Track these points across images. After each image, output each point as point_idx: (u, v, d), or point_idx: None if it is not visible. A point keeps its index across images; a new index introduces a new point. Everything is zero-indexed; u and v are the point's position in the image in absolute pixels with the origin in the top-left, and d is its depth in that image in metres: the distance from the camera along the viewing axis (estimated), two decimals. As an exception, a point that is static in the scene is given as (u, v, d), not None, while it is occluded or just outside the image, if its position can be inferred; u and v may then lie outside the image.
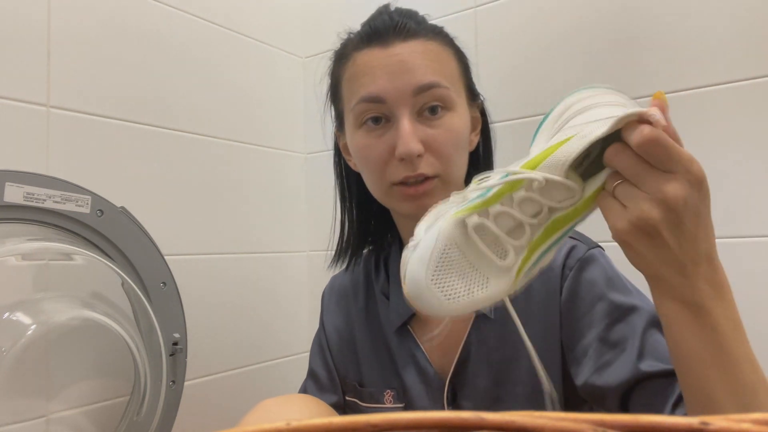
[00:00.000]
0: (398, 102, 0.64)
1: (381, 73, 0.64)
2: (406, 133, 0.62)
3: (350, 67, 0.68)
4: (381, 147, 0.65)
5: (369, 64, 0.65)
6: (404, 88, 0.63)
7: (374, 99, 0.64)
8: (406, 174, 0.64)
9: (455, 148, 0.66)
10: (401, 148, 0.62)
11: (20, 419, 0.75)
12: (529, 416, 0.17)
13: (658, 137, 0.39)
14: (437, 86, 0.64)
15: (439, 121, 0.65)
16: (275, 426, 0.17)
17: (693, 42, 0.82)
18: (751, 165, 0.78)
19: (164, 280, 0.87)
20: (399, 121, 0.63)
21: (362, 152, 0.67)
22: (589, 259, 0.64)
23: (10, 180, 0.70)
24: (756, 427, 0.16)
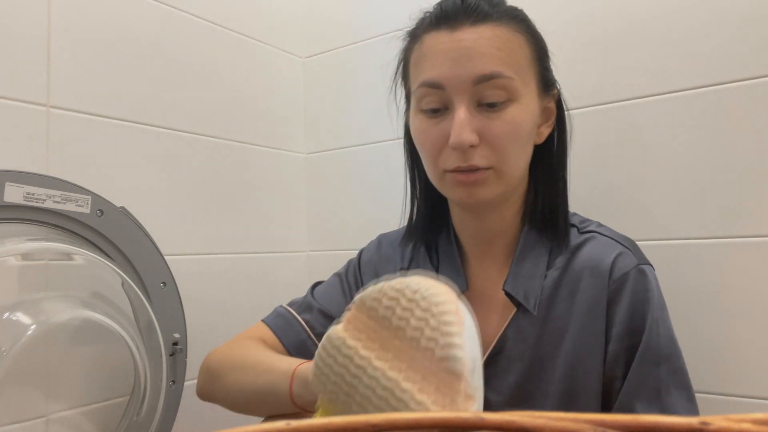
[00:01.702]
0: (457, 90, 0.62)
1: (444, 58, 0.63)
2: (460, 123, 0.61)
3: (417, 48, 0.67)
4: (436, 133, 0.64)
5: (433, 48, 0.64)
6: (464, 77, 0.61)
7: (434, 84, 0.63)
8: (456, 164, 0.63)
9: (513, 140, 0.64)
10: (454, 137, 0.61)
11: (20, 419, 0.75)
12: (529, 416, 0.17)
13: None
14: (500, 76, 0.62)
15: (499, 113, 0.63)
16: (275, 426, 0.17)
17: (694, 42, 0.82)
18: (751, 165, 0.78)
19: (164, 280, 0.87)
20: (456, 110, 0.62)
21: (419, 137, 0.67)
22: (643, 274, 0.64)
23: (10, 180, 0.70)
24: (756, 427, 0.16)
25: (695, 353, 0.81)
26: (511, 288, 0.67)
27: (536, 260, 0.68)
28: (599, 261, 0.65)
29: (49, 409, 0.78)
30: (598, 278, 0.64)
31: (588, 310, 0.64)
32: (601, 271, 0.64)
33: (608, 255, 0.65)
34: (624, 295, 0.63)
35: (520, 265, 0.68)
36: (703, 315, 0.80)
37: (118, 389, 0.86)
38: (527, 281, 0.67)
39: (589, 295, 0.64)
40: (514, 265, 0.68)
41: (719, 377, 0.79)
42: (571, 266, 0.67)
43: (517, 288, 0.67)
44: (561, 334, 0.65)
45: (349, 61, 1.19)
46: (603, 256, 0.65)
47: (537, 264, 0.68)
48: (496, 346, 0.67)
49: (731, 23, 0.80)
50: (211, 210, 1.04)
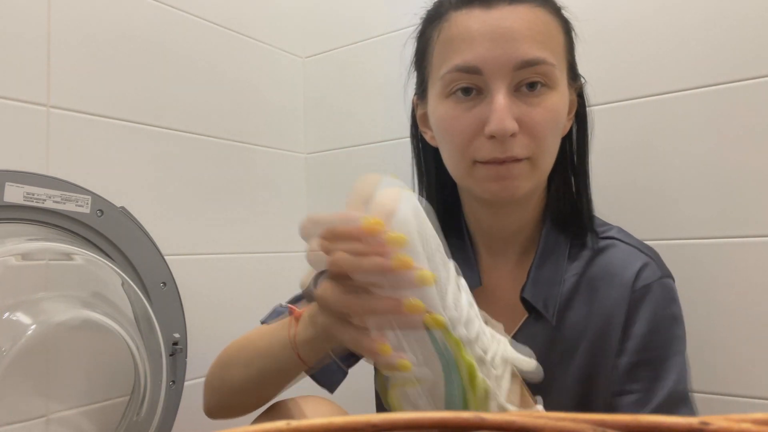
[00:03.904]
0: (496, 74, 0.57)
1: (481, 39, 0.57)
2: (501, 109, 0.56)
3: (445, 28, 0.60)
4: (469, 120, 0.58)
5: (468, 28, 0.58)
6: (506, 60, 0.56)
7: (470, 69, 0.57)
8: (494, 154, 0.58)
9: (552, 129, 0.60)
10: (494, 124, 0.56)
11: (20, 419, 0.75)
12: (529, 416, 0.17)
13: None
14: (543, 63, 0.57)
15: (538, 99, 0.58)
16: (275, 426, 0.17)
17: (694, 42, 0.82)
18: (751, 165, 0.78)
19: (164, 280, 0.87)
20: (494, 95, 0.57)
21: (446, 123, 0.61)
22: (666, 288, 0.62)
23: (10, 180, 0.70)
24: (756, 427, 0.16)
25: (695, 353, 0.81)
26: (530, 295, 0.63)
27: (556, 265, 0.65)
28: (622, 270, 0.62)
29: (49, 409, 0.78)
30: (620, 288, 0.61)
31: (605, 321, 0.61)
32: (623, 281, 0.61)
33: (632, 265, 0.62)
34: (645, 308, 0.60)
35: (540, 270, 0.64)
36: (703, 315, 0.80)
37: (118, 389, 0.86)
38: (547, 288, 0.63)
39: (608, 304, 0.61)
40: (535, 270, 0.64)
41: (719, 377, 0.79)
42: (589, 272, 0.63)
43: (536, 295, 0.63)
44: (574, 343, 0.62)
45: (349, 61, 1.19)
46: (626, 265, 0.62)
47: (557, 269, 0.64)
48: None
49: (731, 23, 0.79)
50: (211, 210, 1.04)
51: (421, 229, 0.41)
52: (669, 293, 0.61)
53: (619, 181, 0.87)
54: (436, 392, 0.43)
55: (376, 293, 0.41)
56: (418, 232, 0.41)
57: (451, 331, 0.41)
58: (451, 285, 0.42)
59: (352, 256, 0.40)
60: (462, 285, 0.45)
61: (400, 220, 0.40)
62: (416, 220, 0.41)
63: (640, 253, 0.63)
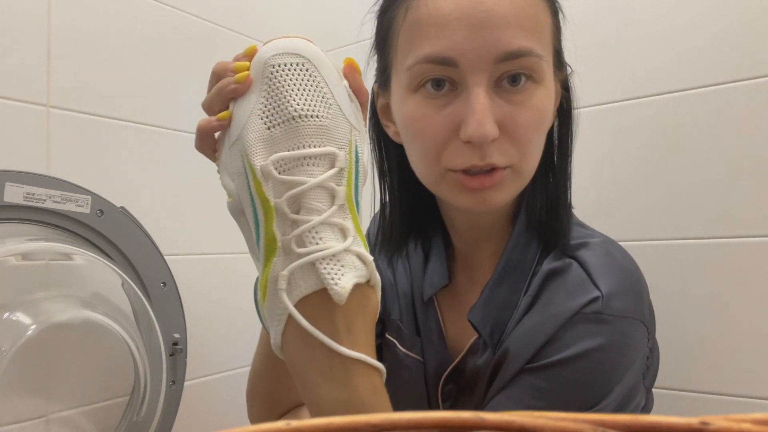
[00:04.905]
0: (475, 67, 0.48)
1: (456, 24, 0.48)
2: (481, 111, 0.48)
3: (413, 8, 0.51)
4: (441, 122, 0.50)
5: (441, 10, 0.49)
6: (486, 51, 0.48)
7: (443, 60, 0.49)
8: (471, 162, 0.50)
9: (537, 131, 0.52)
10: (472, 129, 0.48)
11: (20, 419, 0.75)
12: (529, 416, 0.17)
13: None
14: (529, 54, 0.49)
15: (522, 96, 0.50)
16: (275, 426, 0.17)
17: (693, 42, 0.82)
18: (751, 165, 0.78)
19: (164, 280, 0.87)
20: (471, 92, 0.49)
21: (414, 125, 0.52)
22: (609, 329, 0.50)
23: (10, 180, 0.70)
24: (756, 427, 0.16)
25: (695, 353, 0.81)
26: (477, 318, 0.56)
27: (515, 285, 0.56)
28: (563, 301, 0.52)
29: (49, 409, 0.78)
30: (553, 317, 0.51)
31: (522, 342, 0.53)
32: (557, 313, 0.51)
33: (575, 298, 0.51)
34: (563, 342, 0.50)
35: (493, 291, 0.57)
36: (702, 315, 0.80)
37: (118, 389, 0.86)
38: (498, 312, 0.56)
39: (534, 329, 0.52)
40: (488, 290, 0.57)
41: (719, 377, 0.79)
42: (541, 296, 0.54)
43: (484, 320, 0.56)
44: (498, 364, 0.55)
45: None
46: (569, 297, 0.52)
47: (513, 290, 0.56)
48: (458, 365, 0.60)
49: (731, 23, 0.79)
50: (211, 210, 1.04)
51: (268, 69, 0.44)
52: (606, 329, 0.50)
53: (619, 181, 0.87)
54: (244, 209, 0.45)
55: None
56: (261, 67, 0.44)
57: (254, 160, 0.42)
58: (301, 152, 0.42)
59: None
60: (343, 177, 0.43)
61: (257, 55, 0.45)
62: (264, 56, 0.44)
63: (591, 284, 0.52)
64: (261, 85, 0.43)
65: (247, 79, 0.44)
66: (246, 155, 0.42)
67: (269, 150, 0.42)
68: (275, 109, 0.43)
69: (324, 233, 0.41)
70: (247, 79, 0.44)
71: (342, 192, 0.42)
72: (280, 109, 0.43)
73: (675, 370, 0.82)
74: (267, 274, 0.42)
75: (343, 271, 0.41)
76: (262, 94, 0.43)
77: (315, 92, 0.43)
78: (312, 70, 0.44)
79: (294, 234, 0.40)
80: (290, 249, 0.41)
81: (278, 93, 0.43)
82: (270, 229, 0.41)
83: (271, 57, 0.43)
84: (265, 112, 0.43)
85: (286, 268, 0.41)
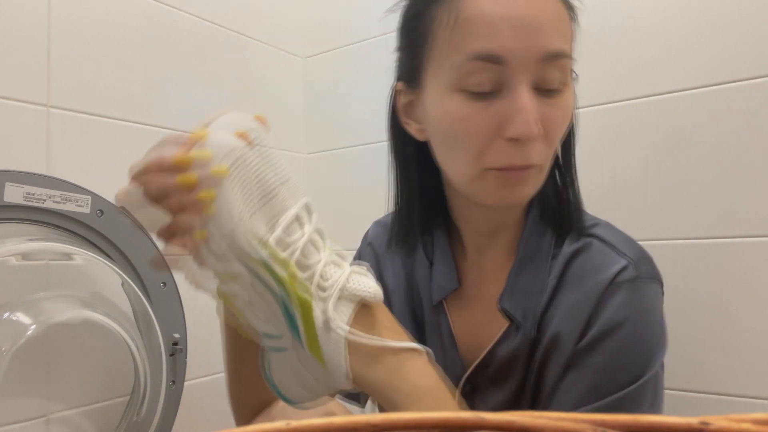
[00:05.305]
0: (521, 67, 0.50)
1: (505, 26, 0.50)
2: (528, 109, 0.50)
3: (460, 9, 0.52)
4: (486, 121, 0.52)
5: (488, 12, 0.51)
6: (532, 51, 0.50)
7: (493, 58, 0.50)
8: (513, 161, 0.52)
9: (564, 130, 0.55)
10: (521, 127, 0.50)
11: (20, 419, 0.75)
12: (529, 416, 0.17)
13: None
14: (564, 55, 0.52)
15: (557, 99, 0.53)
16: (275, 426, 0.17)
17: (693, 42, 0.82)
18: (750, 165, 0.78)
19: (164, 280, 0.87)
20: (516, 92, 0.51)
21: (457, 124, 0.53)
22: (639, 289, 0.55)
23: (10, 180, 0.70)
24: (756, 427, 0.16)
25: (695, 353, 0.81)
26: (508, 305, 0.59)
27: (537, 271, 0.59)
28: (595, 273, 0.56)
29: (49, 409, 0.78)
30: (589, 291, 0.55)
31: (566, 324, 0.56)
32: (594, 286, 0.55)
33: (607, 268, 0.56)
34: (608, 308, 0.54)
35: (518, 277, 0.60)
36: (702, 315, 0.80)
37: (118, 389, 0.86)
38: (526, 298, 0.59)
39: (575, 308, 0.56)
40: (512, 277, 0.60)
41: (719, 377, 0.79)
42: (567, 275, 0.58)
43: (515, 306, 0.59)
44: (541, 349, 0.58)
45: (349, 61, 1.19)
46: (600, 269, 0.56)
47: (537, 276, 0.59)
48: (485, 359, 0.61)
49: (731, 23, 0.79)
50: (211, 210, 1.04)
51: (236, 152, 0.43)
52: (639, 296, 0.55)
53: (619, 181, 0.87)
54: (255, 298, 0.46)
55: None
56: (229, 153, 0.43)
57: (271, 247, 0.43)
58: (287, 218, 0.45)
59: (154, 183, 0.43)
60: (308, 223, 0.47)
61: (210, 143, 0.43)
62: (231, 139, 0.43)
63: (617, 254, 0.57)
64: (231, 178, 0.43)
65: (210, 193, 0.42)
66: (248, 256, 0.43)
67: (267, 233, 0.44)
68: (254, 195, 0.44)
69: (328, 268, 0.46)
70: (210, 194, 0.42)
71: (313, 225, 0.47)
72: (261, 191, 0.45)
73: (675, 370, 0.82)
74: (313, 333, 0.45)
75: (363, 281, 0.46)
76: (235, 185, 0.43)
77: (273, 159, 0.47)
78: (260, 138, 0.47)
79: (315, 284, 0.45)
80: (319, 296, 0.45)
81: (256, 176, 0.45)
82: (297, 295, 0.44)
83: (229, 150, 0.43)
84: (246, 201, 0.44)
85: (328, 309, 0.44)
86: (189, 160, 0.42)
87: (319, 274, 0.45)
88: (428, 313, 0.66)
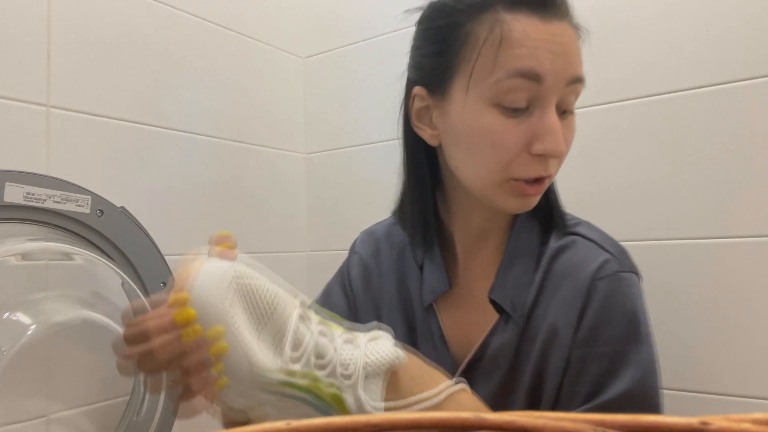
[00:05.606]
0: (553, 88, 0.56)
1: (543, 50, 0.55)
2: (558, 129, 0.56)
3: (503, 28, 0.56)
4: (518, 136, 0.57)
5: (530, 35, 0.55)
6: (563, 75, 0.56)
7: (534, 76, 0.55)
8: (537, 173, 0.58)
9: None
10: (551, 145, 0.56)
11: (20, 419, 0.75)
12: (529, 416, 0.17)
13: None
14: (582, 81, 0.59)
15: (569, 120, 0.60)
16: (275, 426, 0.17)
17: (692, 42, 0.82)
18: (748, 165, 0.78)
19: (164, 280, 0.87)
20: (546, 112, 0.56)
21: (491, 136, 0.57)
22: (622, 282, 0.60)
23: (10, 180, 0.70)
24: (756, 427, 0.16)
25: (695, 353, 0.81)
26: (498, 296, 0.63)
27: (525, 265, 0.64)
28: (581, 266, 0.61)
29: (49, 409, 0.78)
30: (577, 286, 0.60)
31: (560, 318, 0.60)
32: (581, 279, 0.60)
33: (592, 261, 0.60)
34: (596, 301, 0.59)
35: (507, 271, 0.64)
36: (702, 315, 0.80)
37: (118, 389, 0.86)
38: (515, 290, 0.63)
39: (566, 302, 0.60)
40: (502, 271, 0.64)
41: (719, 377, 0.79)
42: (553, 269, 0.63)
43: (504, 297, 0.63)
44: (534, 341, 0.62)
45: (349, 61, 1.19)
46: (585, 262, 0.61)
47: (526, 269, 0.64)
48: (478, 351, 0.64)
49: (730, 23, 0.80)
50: (211, 210, 1.04)
51: (224, 296, 0.43)
52: (624, 287, 0.59)
53: (619, 181, 0.87)
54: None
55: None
56: (219, 301, 0.43)
57: (289, 370, 0.44)
58: (290, 330, 0.45)
59: (149, 352, 0.42)
60: (311, 319, 0.47)
61: (195, 298, 0.43)
62: (216, 291, 0.43)
63: (600, 249, 0.62)
64: (230, 319, 0.43)
65: (221, 346, 0.43)
66: (269, 384, 0.44)
67: (277, 356, 0.44)
68: (256, 322, 0.45)
69: (345, 351, 0.46)
70: (221, 346, 0.43)
71: (316, 318, 0.48)
72: (259, 315, 0.45)
73: (675, 370, 0.82)
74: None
75: (381, 347, 0.47)
76: (236, 324, 0.43)
77: (258, 280, 0.47)
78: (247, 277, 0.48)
79: (339, 375, 0.45)
80: (346, 385, 0.45)
81: (251, 304, 0.45)
82: (326, 393, 0.44)
83: (220, 299, 0.43)
84: (250, 332, 0.44)
85: (359, 395, 0.45)
86: (190, 317, 0.42)
87: (338, 364, 0.45)
88: (419, 316, 0.70)
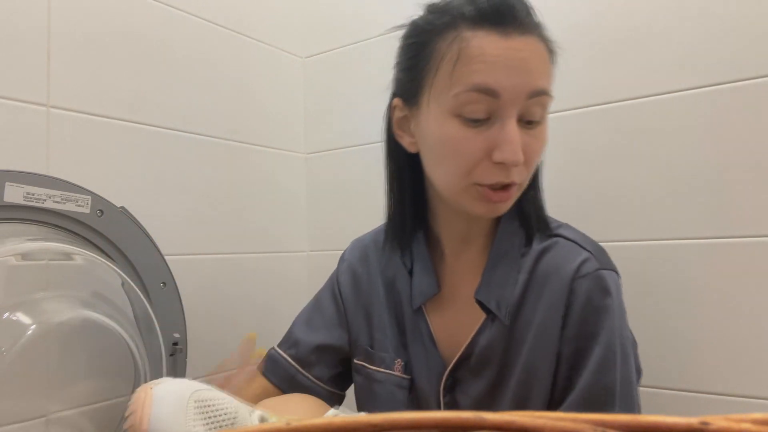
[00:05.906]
0: (511, 102, 0.59)
1: (500, 66, 0.58)
2: (516, 140, 0.59)
3: (462, 46, 0.60)
4: (478, 145, 0.60)
5: (487, 52, 0.58)
6: (521, 89, 0.59)
7: (489, 91, 0.58)
8: (498, 180, 0.61)
9: (540, 157, 0.65)
10: (508, 154, 0.59)
11: (20, 419, 0.75)
12: (529, 416, 0.17)
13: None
14: (546, 94, 0.61)
15: (536, 130, 0.62)
16: (275, 426, 0.17)
17: (690, 42, 0.82)
18: (744, 166, 0.78)
19: (164, 280, 0.87)
20: (506, 123, 0.59)
21: (453, 144, 0.61)
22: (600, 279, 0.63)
23: (10, 180, 0.70)
24: (756, 427, 0.16)
25: (695, 353, 0.81)
26: (483, 296, 0.66)
27: (510, 266, 0.67)
28: (563, 265, 0.64)
29: (49, 409, 0.78)
30: (560, 284, 0.63)
31: (547, 315, 0.64)
32: (563, 277, 0.63)
33: (573, 260, 0.64)
34: (577, 299, 0.62)
35: (492, 272, 0.67)
36: (702, 315, 0.80)
37: (118, 389, 0.86)
38: (500, 289, 0.66)
39: (550, 300, 0.64)
40: (487, 272, 0.67)
41: (719, 377, 0.79)
42: (537, 270, 0.66)
43: (489, 296, 0.66)
44: (524, 339, 0.65)
45: (349, 61, 1.19)
46: (567, 261, 0.64)
47: (510, 270, 0.67)
48: (466, 350, 0.67)
49: (730, 23, 0.79)
50: (211, 210, 1.04)
51: (180, 421, 0.47)
52: (601, 284, 0.62)
53: (618, 181, 0.87)
54: None
55: None
56: (179, 426, 0.47)
57: None
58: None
59: None
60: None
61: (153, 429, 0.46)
62: (174, 416, 0.47)
63: (580, 248, 0.65)
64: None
65: None
66: None
67: None
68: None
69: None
70: None
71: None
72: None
73: (675, 370, 0.82)
74: None
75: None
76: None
77: (216, 401, 0.54)
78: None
79: None
80: None
81: (214, 419, 0.50)
82: None
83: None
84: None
85: None
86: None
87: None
88: (409, 318, 0.72)
